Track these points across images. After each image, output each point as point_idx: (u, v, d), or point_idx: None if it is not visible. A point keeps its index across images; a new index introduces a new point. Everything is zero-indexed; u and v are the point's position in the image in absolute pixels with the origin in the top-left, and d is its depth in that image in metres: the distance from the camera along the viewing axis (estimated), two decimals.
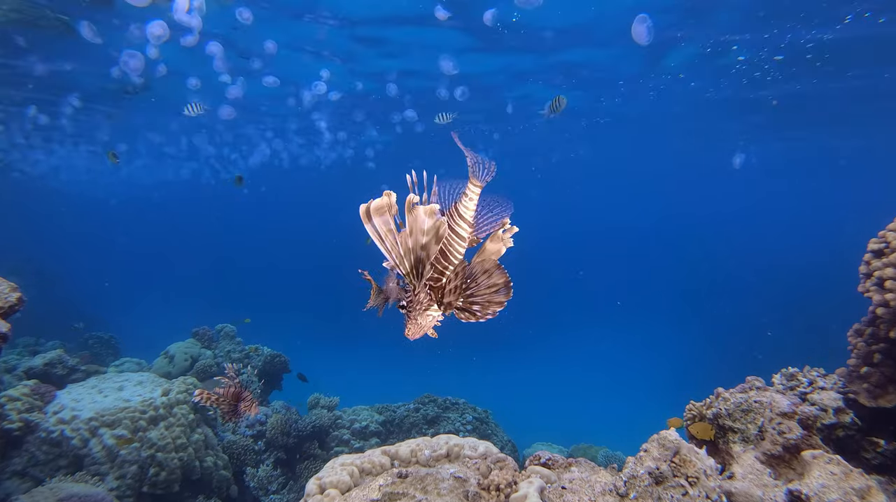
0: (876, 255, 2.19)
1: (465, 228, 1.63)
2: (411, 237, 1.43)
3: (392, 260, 1.47)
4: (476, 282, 1.68)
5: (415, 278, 1.54)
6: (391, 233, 1.42)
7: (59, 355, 7.18)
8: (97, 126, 16.91)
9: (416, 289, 1.57)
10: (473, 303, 1.67)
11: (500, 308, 1.67)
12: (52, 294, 14.70)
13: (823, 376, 2.50)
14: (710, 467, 2.20)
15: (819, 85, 12.25)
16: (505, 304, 1.67)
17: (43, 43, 9.49)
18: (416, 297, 1.58)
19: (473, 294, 1.67)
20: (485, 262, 1.68)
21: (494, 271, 1.66)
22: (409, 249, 1.46)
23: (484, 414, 8.19)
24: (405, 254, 1.46)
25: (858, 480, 2.06)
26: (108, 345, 10.85)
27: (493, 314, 1.67)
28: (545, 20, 9.06)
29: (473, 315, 1.67)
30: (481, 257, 1.71)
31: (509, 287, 1.67)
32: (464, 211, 1.63)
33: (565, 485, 2.40)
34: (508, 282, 1.67)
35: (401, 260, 1.47)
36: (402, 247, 1.44)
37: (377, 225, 1.39)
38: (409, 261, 1.48)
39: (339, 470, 2.58)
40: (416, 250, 1.46)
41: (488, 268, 1.66)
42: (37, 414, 5.40)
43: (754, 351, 14.67)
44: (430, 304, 1.62)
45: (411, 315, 1.60)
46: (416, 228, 1.42)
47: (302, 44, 10.17)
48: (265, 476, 6.56)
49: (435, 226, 1.43)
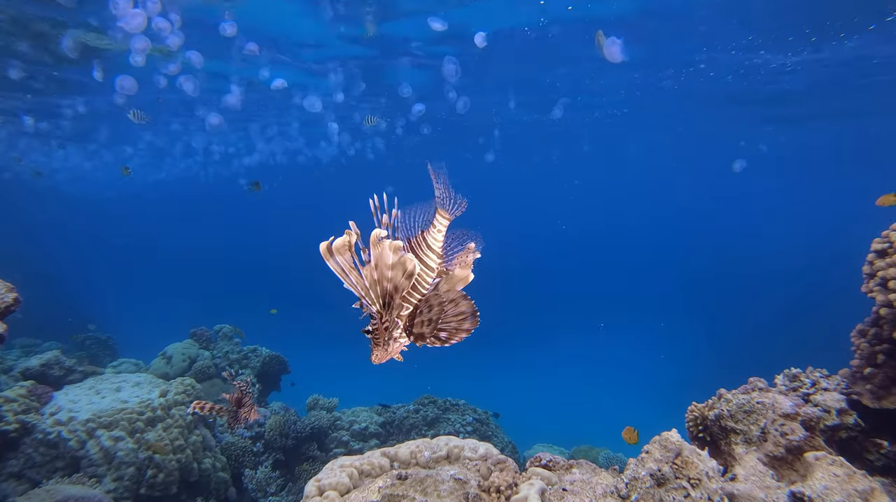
0: (879, 255, 2.18)
1: (433, 259, 1.69)
2: (377, 271, 1.47)
3: (357, 292, 1.51)
4: (443, 310, 1.71)
5: (382, 309, 1.58)
6: (354, 270, 1.46)
7: (57, 356, 7.15)
8: (95, 127, 16.90)
9: (384, 317, 1.60)
10: (441, 331, 1.71)
11: (466, 335, 1.71)
12: (49, 294, 14.64)
13: (826, 377, 2.49)
14: (712, 469, 2.19)
15: (822, 83, 12.25)
16: (472, 331, 1.71)
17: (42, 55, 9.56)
18: (383, 326, 1.62)
19: (441, 321, 1.71)
20: (450, 292, 1.71)
21: (461, 300, 1.70)
22: (374, 281, 1.49)
23: (484, 415, 8.16)
24: (370, 287, 1.50)
25: (862, 482, 2.05)
26: (105, 345, 10.80)
27: (459, 340, 1.72)
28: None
29: (440, 341, 1.72)
30: (448, 285, 1.74)
31: (476, 315, 1.71)
32: (432, 242, 1.69)
33: (566, 487, 2.38)
34: (475, 310, 1.70)
35: (366, 292, 1.51)
36: (368, 280, 1.48)
37: (339, 262, 1.43)
38: (374, 292, 1.52)
39: (338, 471, 2.56)
40: (383, 282, 1.50)
41: (454, 298, 1.70)
42: (33, 416, 5.37)
43: (756, 351, 14.67)
44: (398, 332, 1.67)
45: (378, 342, 1.65)
46: (382, 262, 1.46)
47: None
48: (264, 477, 6.53)
49: (401, 261, 1.46)
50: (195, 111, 14.56)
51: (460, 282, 1.76)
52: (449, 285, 1.74)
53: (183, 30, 7.82)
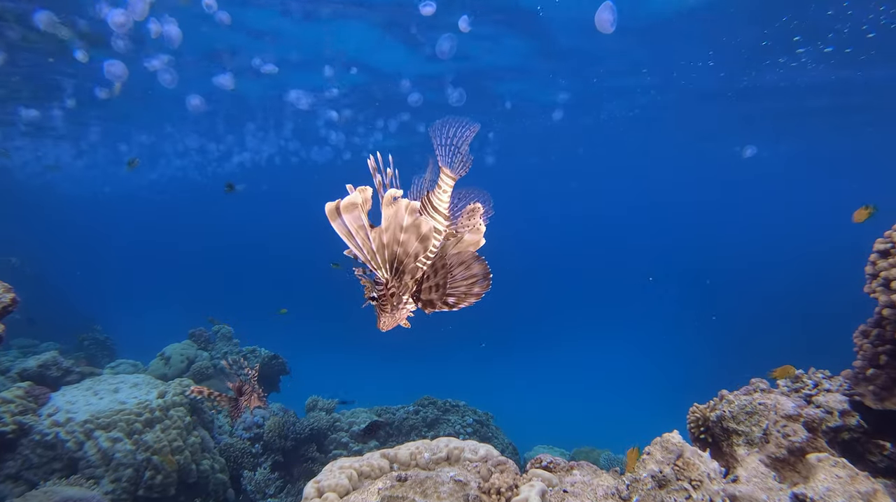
0: (882, 256, 2.17)
1: (440, 221, 1.59)
2: (387, 233, 1.38)
3: (362, 256, 1.41)
4: (452, 274, 1.63)
5: (388, 274, 1.48)
6: (362, 229, 1.36)
7: (54, 357, 7.12)
8: (87, 125, 16.86)
9: (390, 283, 1.52)
10: (450, 296, 1.62)
11: (476, 299, 1.62)
12: (47, 295, 14.60)
13: (829, 378, 2.48)
14: (713, 470, 2.17)
15: (826, 81, 12.23)
16: (482, 296, 1.62)
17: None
18: (390, 292, 1.53)
19: (449, 286, 1.62)
20: (461, 254, 1.63)
21: (472, 262, 1.61)
22: (382, 245, 1.40)
23: (485, 416, 8.14)
24: (377, 251, 1.41)
25: (864, 483, 2.04)
26: (103, 346, 10.76)
27: (469, 304, 1.63)
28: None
29: (448, 306, 1.63)
30: (458, 248, 1.66)
31: (488, 277, 1.61)
32: (438, 203, 1.58)
33: (567, 489, 2.37)
34: (487, 272, 1.61)
35: (372, 255, 1.41)
36: (376, 244, 1.39)
37: (347, 221, 1.33)
38: (381, 256, 1.42)
39: (337, 473, 2.55)
40: (392, 246, 1.41)
41: (465, 260, 1.61)
42: (31, 417, 5.35)
43: (758, 352, 14.67)
44: (405, 299, 1.58)
45: (385, 308, 1.56)
46: (395, 224, 1.37)
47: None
48: (262, 479, 6.50)
49: (415, 223, 1.38)
50: (190, 110, 14.56)
51: (471, 247, 1.67)
52: (459, 248, 1.66)
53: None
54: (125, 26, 6.81)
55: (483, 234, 1.68)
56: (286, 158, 23.23)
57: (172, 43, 7.58)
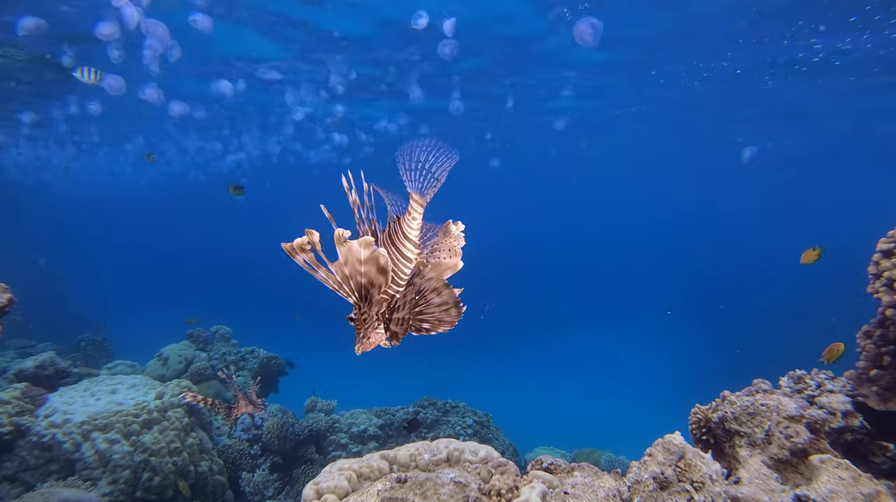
0: (885, 256, 2.16)
1: (410, 249, 1.59)
2: (347, 267, 1.41)
3: (329, 286, 1.45)
4: (425, 299, 1.64)
5: (360, 302, 1.51)
6: (322, 266, 1.40)
7: (51, 357, 7.08)
8: (87, 125, 16.83)
9: (363, 309, 1.54)
10: (423, 321, 1.64)
11: (449, 327, 1.64)
12: (44, 295, 14.56)
13: (832, 379, 2.46)
14: (715, 472, 2.16)
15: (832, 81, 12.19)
16: (455, 323, 1.63)
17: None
18: (362, 317, 1.56)
19: (423, 312, 1.64)
20: (433, 280, 1.63)
21: (443, 289, 1.62)
22: (346, 277, 1.43)
23: (485, 417, 8.12)
24: (343, 282, 1.44)
25: (867, 485, 2.02)
26: (100, 346, 10.72)
27: (443, 330, 1.65)
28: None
29: (423, 331, 1.65)
30: (434, 273, 1.66)
31: (459, 305, 1.63)
32: (408, 230, 1.59)
33: (568, 491, 2.35)
34: (458, 300, 1.62)
35: (339, 286, 1.45)
36: (339, 276, 1.42)
37: (305, 260, 1.38)
38: (348, 286, 1.46)
39: (336, 474, 2.53)
40: (356, 277, 1.43)
41: (437, 286, 1.62)
42: (28, 418, 5.32)
43: (761, 353, 14.64)
44: (378, 324, 1.60)
45: (360, 332, 1.59)
46: (352, 259, 1.39)
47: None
48: (261, 481, 6.47)
49: (373, 256, 1.40)
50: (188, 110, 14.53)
51: (448, 271, 1.66)
52: (436, 273, 1.65)
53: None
54: (112, 37, 6.81)
55: (461, 258, 1.68)
56: (286, 158, 23.21)
57: (160, 42, 7.52)
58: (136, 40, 7.87)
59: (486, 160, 23.90)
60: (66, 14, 7.86)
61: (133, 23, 6.54)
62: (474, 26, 9.16)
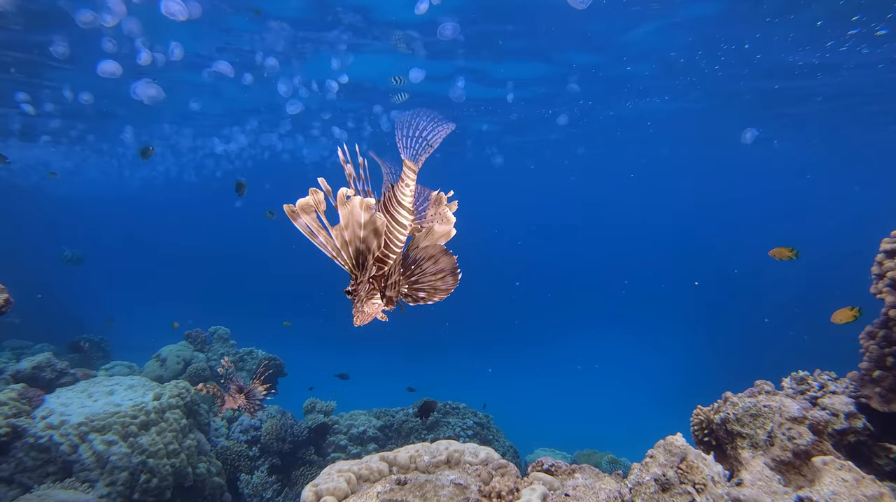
0: (889, 256, 2.15)
1: (405, 216, 1.57)
2: (347, 230, 1.38)
3: (327, 253, 1.43)
4: (421, 267, 1.62)
5: (356, 269, 1.49)
6: (322, 230, 1.38)
7: (48, 358, 7.05)
8: (78, 123, 16.78)
9: (360, 278, 1.52)
10: (419, 290, 1.62)
11: (446, 295, 1.61)
12: (41, 295, 14.51)
13: (835, 380, 2.45)
14: (717, 473, 2.14)
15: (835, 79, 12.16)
16: (451, 291, 1.61)
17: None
18: (360, 287, 1.53)
19: (418, 281, 1.62)
20: (430, 247, 1.62)
21: (440, 256, 1.60)
22: (345, 243, 1.41)
23: (485, 418, 8.09)
24: (342, 248, 1.42)
25: (871, 487, 2.01)
26: (98, 347, 10.66)
27: (440, 299, 1.62)
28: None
29: (420, 300, 1.63)
30: (428, 241, 1.64)
31: (456, 272, 1.60)
32: (401, 197, 1.57)
33: (569, 492, 2.34)
34: (455, 267, 1.60)
35: (337, 253, 1.42)
36: (338, 241, 1.40)
37: (307, 222, 1.36)
38: (346, 253, 1.44)
39: (335, 476, 2.51)
40: (355, 242, 1.41)
41: (434, 254, 1.60)
42: (24, 419, 5.28)
43: (763, 354, 14.62)
44: (374, 293, 1.56)
45: (355, 303, 1.55)
46: (352, 221, 1.37)
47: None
48: (260, 482, 6.44)
49: (372, 219, 1.37)
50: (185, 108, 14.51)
51: (442, 238, 1.64)
52: (429, 241, 1.64)
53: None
54: (92, 24, 6.72)
55: (453, 225, 1.65)
56: (284, 156, 23.14)
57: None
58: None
59: (488, 158, 23.87)
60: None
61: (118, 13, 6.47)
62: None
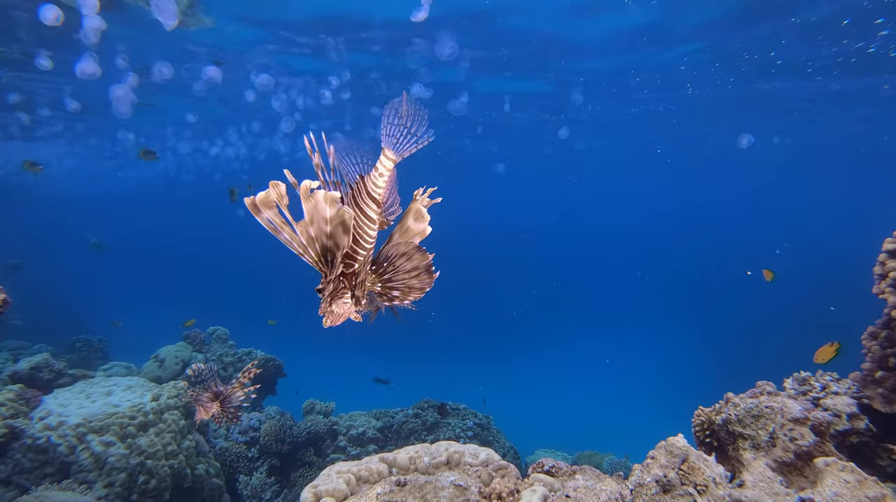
0: (891, 256, 2.14)
1: (374, 209, 1.49)
2: (312, 226, 1.29)
3: (294, 249, 1.35)
4: (394, 265, 1.55)
5: (325, 267, 1.40)
6: (286, 225, 1.30)
7: (46, 359, 7.02)
8: (73, 123, 16.76)
9: (329, 277, 1.43)
10: (393, 289, 1.55)
11: (421, 294, 1.55)
12: (38, 296, 14.46)
13: (837, 380, 2.44)
14: (719, 475, 2.13)
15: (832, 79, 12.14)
16: (427, 289, 1.55)
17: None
18: (328, 286, 1.45)
19: (392, 279, 1.55)
20: (402, 245, 1.55)
21: (414, 253, 1.53)
22: (311, 239, 1.31)
23: (485, 419, 8.08)
24: (308, 244, 1.32)
25: (873, 488, 2.00)
26: (96, 348, 10.62)
27: (414, 298, 1.56)
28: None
29: (396, 299, 1.57)
30: (402, 237, 1.57)
31: (430, 270, 1.54)
32: (372, 188, 1.48)
33: (569, 494, 2.33)
34: (430, 265, 1.53)
35: (304, 249, 1.34)
36: (304, 237, 1.32)
37: (269, 217, 1.28)
38: (313, 250, 1.35)
39: (335, 477, 2.50)
40: (321, 239, 1.32)
41: (407, 251, 1.53)
42: (22, 420, 5.26)
43: (765, 354, 14.58)
44: (344, 293, 1.48)
45: (325, 300, 1.47)
46: (317, 216, 1.28)
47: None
48: (259, 484, 6.42)
49: (339, 214, 1.28)
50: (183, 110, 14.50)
51: (417, 236, 1.56)
52: (403, 238, 1.56)
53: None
54: (56, 21, 6.45)
55: (428, 223, 1.57)
56: (284, 158, 23.13)
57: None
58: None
59: (489, 163, 23.83)
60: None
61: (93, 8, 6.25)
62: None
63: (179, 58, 10.26)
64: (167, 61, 9.46)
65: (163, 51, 9.61)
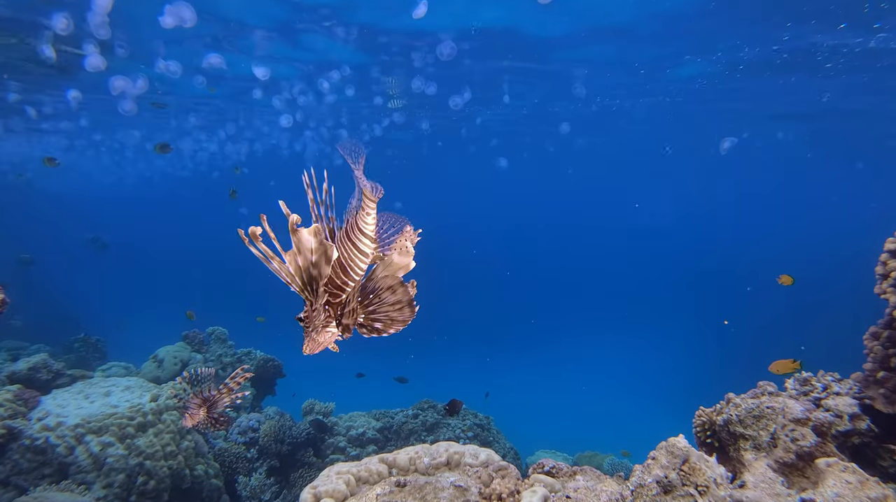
0: (893, 256, 2.13)
1: (367, 244, 1.60)
2: (300, 257, 1.41)
3: (282, 279, 1.45)
4: (379, 297, 1.64)
5: (310, 295, 1.51)
6: (274, 257, 1.41)
7: (44, 359, 7.00)
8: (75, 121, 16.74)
9: (314, 305, 1.53)
10: (375, 321, 1.64)
11: (402, 326, 1.64)
12: (37, 296, 14.43)
13: (838, 381, 2.43)
14: (720, 475, 2.12)
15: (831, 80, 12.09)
16: (408, 323, 1.64)
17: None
18: (313, 314, 1.54)
19: (376, 310, 1.64)
20: (388, 278, 1.64)
21: (398, 287, 1.62)
22: (298, 269, 1.43)
23: (486, 420, 8.06)
24: (295, 274, 1.43)
25: (875, 489, 1.99)
26: (94, 348, 10.59)
27: (396, 330, 1.65)
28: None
29: (376, 331, 1.65)
30: (386, 271, 1.66)
31: (413, 305, 1.63)
32: (363, 226, 1.61)
33: (570, 495, 2.32)
34: (412, 300, 1.63)
35: (291, 278, 1.45)
36: (292, 267, 1.43)
37: (260, 249, 1.39)
38: (300, 279, 1.45)
39: (334, 478, 2.49)
40: (308, 270, 1.44)
41: (392, 285, 1.62)
42: (20, 421, 5.24)
43: (766, 355, 14.55)
44: (329, 321, 1.58)
45: (308, 331, 1.56)
46: (303, 248, 1.40)
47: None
48: (258, 484, 6.41)
49: (322, 246, 1.39)
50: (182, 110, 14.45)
51: (401, 270, 1.65)
52: (387, 272, 1.65)
53: None
54: (68, 29, 6.73)
55: (413, 258, 1.67)
56: (285, 152, 23.01)
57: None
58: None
59: (491, 159, 23.78)
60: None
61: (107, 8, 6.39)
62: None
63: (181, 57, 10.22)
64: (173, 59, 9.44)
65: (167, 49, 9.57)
